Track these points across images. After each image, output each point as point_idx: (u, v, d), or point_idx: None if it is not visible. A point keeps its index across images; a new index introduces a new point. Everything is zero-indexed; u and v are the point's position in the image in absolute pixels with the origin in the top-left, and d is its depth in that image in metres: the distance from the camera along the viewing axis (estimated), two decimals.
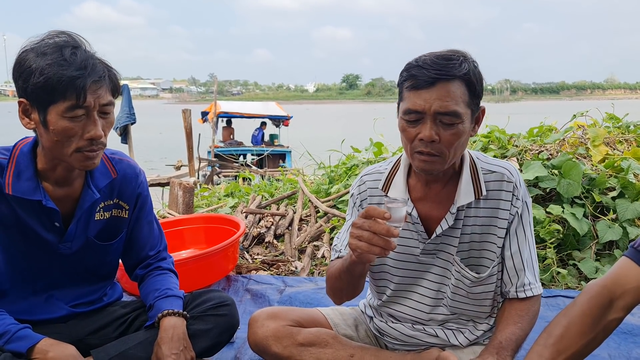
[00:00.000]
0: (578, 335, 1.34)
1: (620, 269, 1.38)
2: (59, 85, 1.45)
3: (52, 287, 1.76)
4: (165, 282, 1.91)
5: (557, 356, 1.33)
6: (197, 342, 1.80)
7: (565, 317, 1.37)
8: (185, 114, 8.99)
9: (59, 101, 1.47)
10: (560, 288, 2.95)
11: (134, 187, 1.84)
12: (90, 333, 1.84)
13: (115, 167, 1.78)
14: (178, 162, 15.43)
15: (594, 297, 1.36)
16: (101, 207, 1.76)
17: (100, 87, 1.51)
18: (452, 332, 1.77)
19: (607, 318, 1.35)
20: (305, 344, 1.81)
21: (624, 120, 4.65)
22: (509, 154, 3.70)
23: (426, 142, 1.49)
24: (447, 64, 1.47)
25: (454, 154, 1.53)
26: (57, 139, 1.51)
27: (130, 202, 1.84)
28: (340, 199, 4.21)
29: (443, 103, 1.45)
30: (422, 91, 1.47)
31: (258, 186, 5.31)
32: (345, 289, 1.72)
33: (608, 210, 3.30)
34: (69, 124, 1.49)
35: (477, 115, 1.56)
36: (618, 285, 1.35)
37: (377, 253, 1.41)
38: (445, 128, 1.48)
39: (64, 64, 1.46)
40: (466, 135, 1.53)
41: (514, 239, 1.67)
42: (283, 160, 17.38)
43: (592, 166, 3.55)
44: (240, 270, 3.28)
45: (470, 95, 1.50)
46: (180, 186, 3.70)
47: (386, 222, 1.39)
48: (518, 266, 1.68)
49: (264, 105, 21.68)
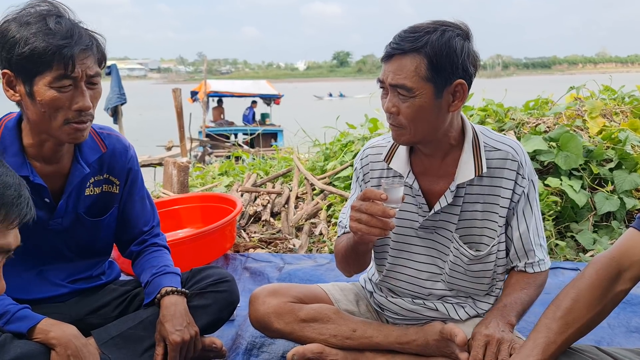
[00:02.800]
0: (586, 307, 1.33)
1: (627, 241, 1.37)
2: (46, 55, 1.42)
3: (44, 263, 1.74)
4: (161, 258, 1.90)
5: (566, 329, 1.33)
6: (198, 318, 1.79)
7: (573, 289, 1.37)
8: (175, 93, 8.88)
9: (45, 71, 1.44)
10: (559, 260, 2.95)
11: (124, 161, 1.81)
12: (89, 312, 1.83)
13: (104, 142, 1.75)
14: (169, 143, 15.32)
15: (602, 269, 1.35)
16: (91, 183, 1.74)
17: (87, 57, 1.48)
18: (452, 306, 1.76)
19: (615, 290, 1.35)
20: (307, 320, 1.81)
21: (619, 92, 4.63)
22: (506, 127, 3.68)
23: (388, 113, 1.54)
24: (407, 37, 1.48)
25: (416, 127, 1.52)
26: (44, 110, 1.48)
27: (120, 177, 1.81)
28: (336, 175, 4.18)
29: (395, 76, 1.48)
30: (384, 64, 1.53)
31: (252, 164, 5.27)
32: (353, 264, 1.76)
33: (606, 182, 3.30)
34: (57, 94, 1.46)
35: (450, 89, 1.50)
36: (626, 256, 1.35)
37: (376, 234, 1.46)
38: (403, 100, 1.49)
39: (49, 33, 1.42)
40: (430, 110, 1.50)
41: (522, 219, 1.66)
42: (275, 140, 17.30)
43: (590, 138, 3.54)
44: (238, 249, 3.26)
45: (432, 69, 1.46)
46: (175, 165, 3.65)
47: (383, 203, 1.43)
48: (527, 246, 1.67)
49: (255, 84, 21.50)
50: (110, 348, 1.66)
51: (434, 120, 1.53)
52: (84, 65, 1.47)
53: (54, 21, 1.45)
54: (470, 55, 1.51)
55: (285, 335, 1.85)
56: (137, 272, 1.91)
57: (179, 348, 1.66)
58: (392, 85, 1.50)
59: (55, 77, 1.45)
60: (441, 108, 1.52)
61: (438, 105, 1.51)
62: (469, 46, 1.51)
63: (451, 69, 1.48)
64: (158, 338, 1.69)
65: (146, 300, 1.80)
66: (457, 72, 1.49)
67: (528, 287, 1.66)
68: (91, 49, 1.50)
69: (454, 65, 1.47)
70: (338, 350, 1.78)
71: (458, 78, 1.49)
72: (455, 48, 1.47)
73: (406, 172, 1.67)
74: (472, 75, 1.54)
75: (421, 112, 1.50)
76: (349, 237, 1.66)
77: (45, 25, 1.43)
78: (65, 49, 1.43)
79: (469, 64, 1.50)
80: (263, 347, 2.06)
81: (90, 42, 1.50)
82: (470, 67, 1.51)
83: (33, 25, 1.43)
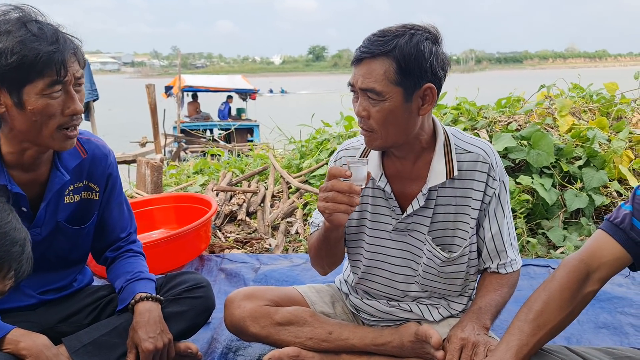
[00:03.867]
0: (557, 309, 1.36)
1: (596, 242, 1.41)
2: (36, 62, 1.37)
3: None
4: (136, 264, 1.88)
5: (538, 331, 1.36)
6: (173, 325, 1.78)
7: (544, 291, 1.40)
8: (149, 89, 8.74)
9: (36, 79, 1.40)
10: (531, 257, 3.01)
11: (104, 167, 1.78)
12: (61, 320, 1.80)
13: (84, 147, 1.71)
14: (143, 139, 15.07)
15: (572, 272, 1.38)
16: (70, 190, 1.70)
17: (75, 60, 1.46)
18: (426, 307, 1.79)
19: (584, 291, 1.38)
20: (283, 323, 1.82)
21: (587, 89, 4.72)
22: (478, 125, 3.73)
23: (359, 117, 1.55)
24: (377, 40, 1.49)
25: (386, 131, 1.53)
26: (35, 119, 1.44)
27: (100, 183, 1.78)
28: (312, 173, 4.18)
29: (364, 80, 1.49)
30: (355, 67, 1.54)
31: (228, 162, 5.23)
32: (326, 257, 1.77)
33: (575, 180, 3.37)
34: (49, 101, 1.43)
35: (420, 93, 1.51)
36: (595, 258, 1.38)
37: (342, 210, 1.48)
38: (373, 104, 1.50)
39: (35, 40, 1.38)
40: (400, 114, 1.51)
41: (493, 221, 1.68)
42: (251, 135, 17.19)
43: (560, 136, 3.61)
44: (213, 249, 3.24)
45: (400, 72, 1.47)
46: (148, 165, 3.60)
47: (349, 180, 1.47)
48: (499, 247, 1.70)
49: (230, 79, 21.31)
50: (82, 356, 1.64)
51: (404, 124, 1.54)
52: (72, 68, 1.45)
53: (35, 27, 1.40)
54: (439, 58, 1.51)
55: (261, 339, 1.85)
56: (111, 278, 1.88)
57: (151, 356, 1.64)
58: (362, 89, 1.51)
59: (48, 84, 1.41)
60: (411, 112, 1.53)
61: (408, 109, 1.52)
62: (438, 50, 1.51)
63: (420, 73, 1.48)
64: (130, 345, 1.67)
65: (120, 306, 1.78)
66: (426, 75, 1.49)
67: (501, 289, 1.70)
68: (76, 51, 1.47)
69: (423, 69, 1.48)
70: (314, 353, 1.79)
71: (427, 82, 1.50)
72: (423, 52, 1.47)
73: (378, 175, 1.69)
74: (442, 78, 1.55)
75: (391, 116, 1.51)
76: (320, 227, 1.68)
77: (28, 32, 1.38)
78: (55, 55, 1.39)
79: (438, 67, 1.51)
80: (239, 350, 2.06)
81: (73, 44, 1.47)
82: (439, 70, 1.52)
83: (15, 33, 1.37)
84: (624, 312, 2.33)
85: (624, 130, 3.53)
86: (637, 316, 2.31)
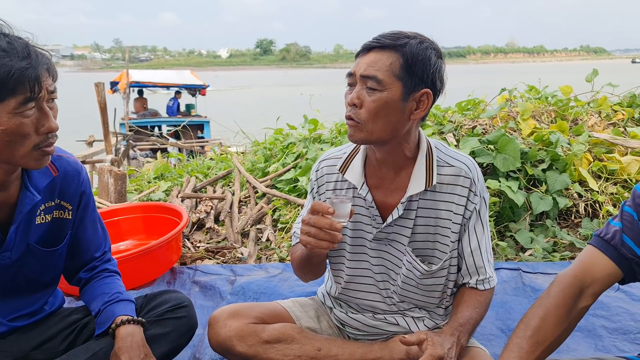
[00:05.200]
0: (554, 325, 1.39)
1: (588, 258, 1.44)
2: (9, 80, 1.28)
3: None
4: (113, 285, 1.79)
5: (537, 347, 1.38)
6: (156, 348, 1.71)
7: (540, 308, 1.42)
8: (98, 87, 8.40)
9: (7, 98, 1.30)
10: (501, 260, 3.09)
11: (77, 185, 1.69)
12: (34, 348, 1.70)
13: (54, 165, 1.62)
14: (90, 137, 14.48)
15: (567, 288, 1.41)
16: (42, 210, 1.60)
17: (48, 75, 1.38)
18: (412, 320, 1.79)
19: (579, 306, 1.41)
20: (271, 341, 1.79)
21: (542, 92, 4.89)
22: (445, 129, 3.78)
23: (350, 105, 1.54)
24: (389, 35, 1.53)
25: (374, 124, 1.52)
26: (8, 139, 1.34)
27: (73, 201, 1.69)
28: (279, 178, 4.13)
29: (368, 67, 1.51)
30: (360, 57, 1.56)
31: (189, 166, 5.10)
32: (309, 273, 1.78)
33: (539, 182, 3.48)
34: (22, 119, 1.33)
35: (417, 96, 1.53)
36: (587, 274, 1.41)
37: (324, 247, 1.49)
38: (369, 93, 1.51)
39: (5, 56, 1.29)
40: (394, 109, 1.52)
41: (472, 236, 1.69)
42: (201, 131, 16.88)
43: (523, 139, 3.71)
44: (184, 260, 3.14)
45: (405, 69, 1.49)
46: (112, 173, 3.45)
47: (332, 217, 1.47)
48: (478, 263, 1.71)
49: (179, 74, 20.79)
50: None
51: (394, 121, 1.53)
52: (45, 83, 1.36)
53: (4, 41, 1.31)
54: (441, 71, 1.55)
55: (248, 358, 1.80)
56: (86, 299, 1.79)
57: None
58: (362, 76, 1.51)
59: (21, 102, 1.32)
60: (404, 112, 1.53)
61: (402, 108, 1.52)
62: (441, 64, 1.56)
63: (422, 76, 1.51)
64: None
65: (98, 330, 1.69)
66: (427, 81, 1.52)
67: (480, 307, 1.70)
68: (49, 66, 1.39)
69: (426, 73, 1.51)
70: None
71: (426, 87, 1.53)
72: (430, 58, 1.51)
73: (360, 184, 1.69)
74: (438, 91, 1.57)
75: (384, 109, 1.51)
76: (302, 247, 1.65)
77: None
78: (28, 71, 1.30)
79: (438, 79, 1.55)
80: None
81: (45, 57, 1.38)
82: (438, 82, 1.55)
83: None
84: (595, 315, 2.42)
85: (584, 134, 3.67)
86: (608, 318, 2.40)
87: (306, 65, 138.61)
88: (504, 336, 2.32)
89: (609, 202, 3.47)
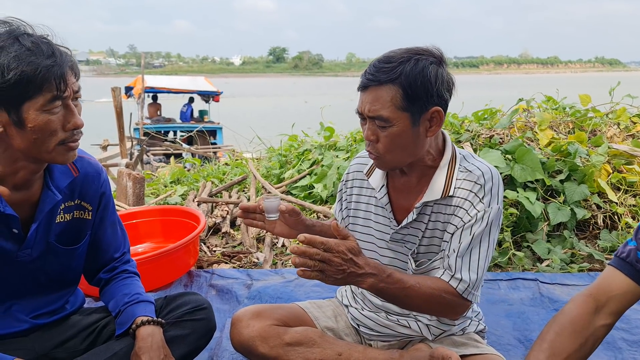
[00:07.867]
0: (569, 338, 1.37)
1: (604, 277, 1.44)
2: (36, 78, 1.31)
3: (11, 298, 1.61)
4: (133, 286, 1.81)
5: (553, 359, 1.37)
6: (175, 349, 1.73)
7: (555, 323, 1.41)
8: (114, 92, 8.49)
9: (35, 96, 1.34)
10: (518, 270, 3.07)
11: (97, 186, 1.72)
12: (56, 346, 1.72)
13: (76, 165, 1.64)
14: (104, 141, 14.63)
15: (581, 305, 1.41)
16: (62, 209, 1.63)
17: (72, 74, 1.41)
18: (424, 325, 1.80)
19: (596, 324, 1.39)
20: (293, 344, 1.80)
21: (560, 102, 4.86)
22: (462, 138, 3.78)
23: (368, 140, 1.57)
24: (382, 67, 1.51)
25: (393, 155, 1.56)
26: (36, 136, 1.38)
27: (93, 202, 1.71)
28: (294, 184, 4.15)
29: (371, 107, 1.51)
30: (361, 93, 1.56)
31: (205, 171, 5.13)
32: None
33: (557, 193, 3.46)
34: (50, 117, 1.37)
35: (427, 116, 1.52)
36: (603, 292, 1.40)
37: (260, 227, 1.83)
38: (381, 130, 1.53)
39: (31, 55, 1.32)
40: (408, 138, 1.54)
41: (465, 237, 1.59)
42: (214, 137, 16.97)
43: (540, 150, 3.70)
44: (201, 264, 3.16)
45: (407, 98, 1.49)
46: (130, 177, 3.49)
47: (264, 213, 1.75)
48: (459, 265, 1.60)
49: (192, 80, 20.95)
50: None
51: (412, 147, 1.57)
52: (70, 81, 1.40)
53: (29, 41, 1.34)
54: (445, 81, 1.53)
55: (270, 359, 1.81)
56: (105, 300, 1.81)
57: None
58: (369, 117, 1.53)
59: (49, 100, 1.35)
60: (419, 135, 1.55)
61: (416, 133, 1.54)
62: (443, 73, 1.53)
63: (426, 97, 1.50)
64: None
65: (118, 330, 1.71)
66: (432, 99, 1.51)
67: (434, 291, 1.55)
68: (73, 65, 1.42)
69: (429, 93, 1.50)
70: None
71: (434, 105, 1.52)
72: (429, 76, 1.49)
73: (379, 187, 1.74)
74: (448, 100, 1.57)
75: (398, 140, 1.53)
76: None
77: (22, 47, 1.32)
78: (54, 68, 1.34)
79: (444, 90, 1.53)
80: None
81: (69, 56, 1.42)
82: (445, 93, 1.54)
83: (8, 49, 1.31)
84: (615, 327, 2.38)
85: (603, 145, 3.64)
86: (628, 331, 2.38)
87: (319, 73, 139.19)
88: (521, 346, 2.30)
89: (628, 214, 3.44)
